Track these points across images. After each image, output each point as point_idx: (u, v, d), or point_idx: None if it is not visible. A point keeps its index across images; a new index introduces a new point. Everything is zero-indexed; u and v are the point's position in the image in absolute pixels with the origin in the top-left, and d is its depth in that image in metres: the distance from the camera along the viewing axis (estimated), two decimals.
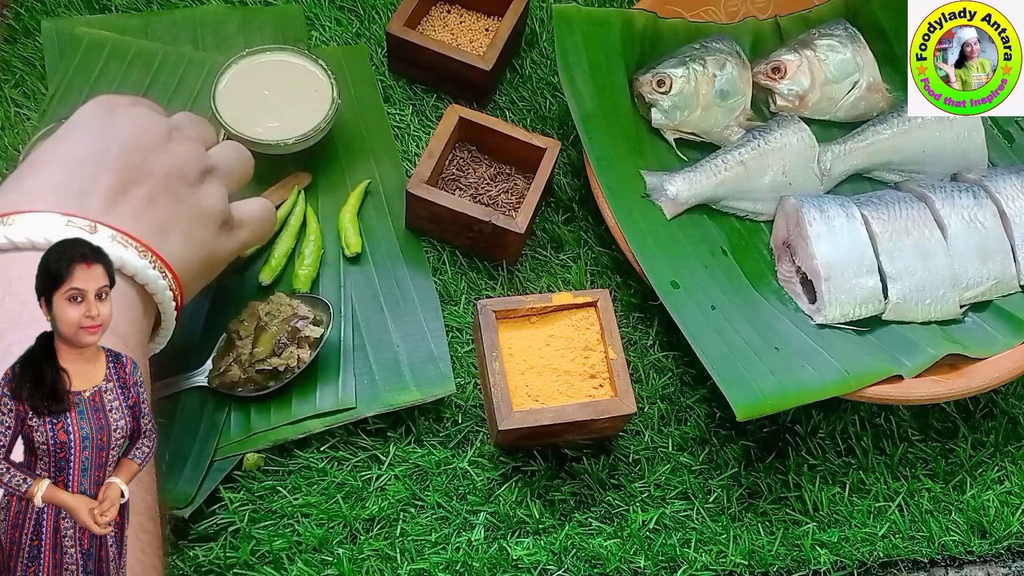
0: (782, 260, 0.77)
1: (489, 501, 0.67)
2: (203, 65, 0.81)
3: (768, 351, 0.69)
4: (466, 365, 0.72)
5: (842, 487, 0.70)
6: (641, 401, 0.72)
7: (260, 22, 0.85)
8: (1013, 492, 0.72)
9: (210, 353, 0.68)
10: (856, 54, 0.82)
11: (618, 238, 0.73)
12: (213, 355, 0.67)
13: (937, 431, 0.74)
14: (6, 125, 0.78)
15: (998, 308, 0.75)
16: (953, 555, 0.69)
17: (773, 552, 0.67)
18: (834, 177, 0.80)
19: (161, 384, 0.65)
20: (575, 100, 0.77)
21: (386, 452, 0.68)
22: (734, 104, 0.80)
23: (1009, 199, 0.76)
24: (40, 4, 0.83)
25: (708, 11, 0.85)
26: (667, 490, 0.69)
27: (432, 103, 0.82)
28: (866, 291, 0.72)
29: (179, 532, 0.64)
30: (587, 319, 0.68)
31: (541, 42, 0.88)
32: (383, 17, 0.86)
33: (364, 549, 0.64)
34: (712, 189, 0.77)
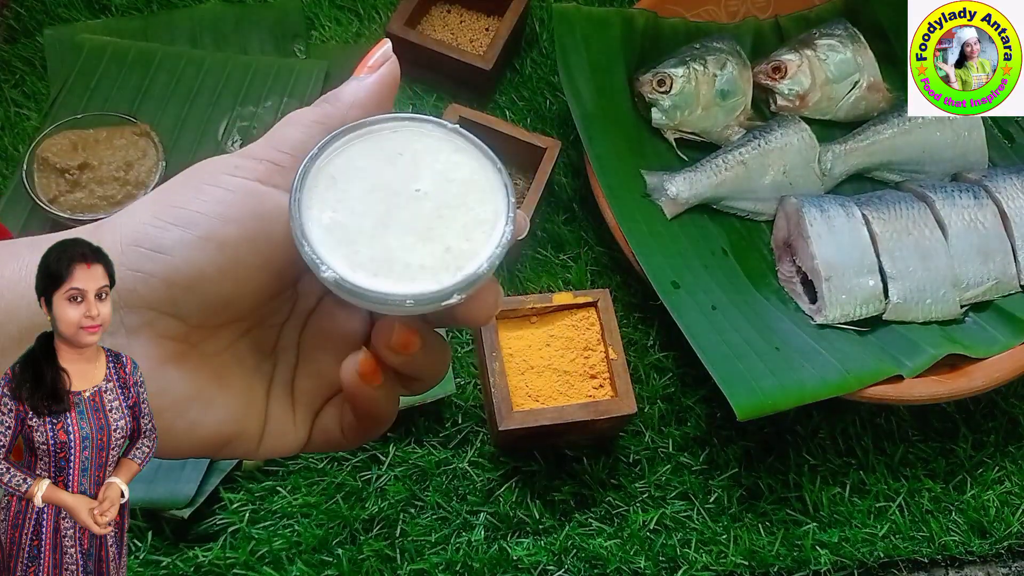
0: (783, 260, 0.77)
1: (489, 501, 0.67)
2: (201, 64, 0.81)
3: (768, 351, 0.69)
4: (466, 365, 0.72)
5: (842, 487, 0.70)
6: (641, 401, 0.71)
7: (258, 21, 0.85)
8: (1013, 492, 0.72)
9: None
10: (856, 54, 0.82)
11: (618, 238, 0.73)
12: None
13: (937, 431, 0.74)
14: (6, 125, 0.78)
15: (998, 308, 0.75)
16: (953, 555, 0.69)
17: (773, 552, 0.67)
18: (835, 177, 0.80)
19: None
20: (575, 100, 0.77)
21: (386, 452, 0.68)
22: (734, 104, 0.80)
23: (1009, 199, 0.76)
24: (40, 4, 0.83)
25: (708, 11, 0.85)
26: (667, 490, 0.69)
27: (432, 102, 0.82)
28: (866, 291, 0.72)
29: (179, 532, 0.64)
30: (587, 319, 0.68)
31: (541, 42, 0.87)
32: (383, 17, 0.86)
33: (364, 549, 0.64)
34: (712, 189, 0.77)
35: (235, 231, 0.31)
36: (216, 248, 0.30)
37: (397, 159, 0.32)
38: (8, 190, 0.74)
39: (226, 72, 0.81)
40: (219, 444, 0.33)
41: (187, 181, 0.32)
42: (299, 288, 0.36)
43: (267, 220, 0.31)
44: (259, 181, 0.31)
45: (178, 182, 0.32)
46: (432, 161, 0.33)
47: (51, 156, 0.72)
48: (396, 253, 0.30)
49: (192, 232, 0.30)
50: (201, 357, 0.33)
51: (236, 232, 0.31)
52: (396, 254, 0.30)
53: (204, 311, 0.32)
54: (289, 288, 0.35)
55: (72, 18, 0.83)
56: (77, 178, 0.72)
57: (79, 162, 0.72)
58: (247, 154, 0.32)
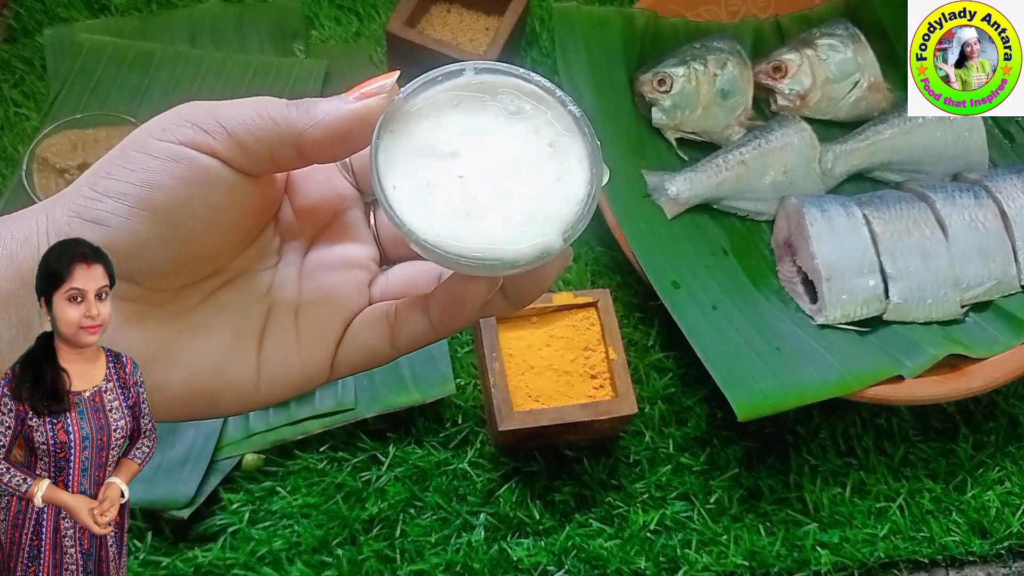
0: (783, 260, 0.77)
1: (489, 502, 0.67)
2: (200, 64, 0.81)
3: (769, 351, 0.69)
4: (466, 365, 0.72)
5: (843, 488, 0.70)
6: (642, 401, 0.71)
7: (258, 20, 0.85)
8: (1013, 492, 0.71)
9: None
10: (857, 53, 0.82)
11: (619, 238, 0.73)
12: None
13: (938, 431, 0.74)
14: (6, 125, 0.78)
15: (999, 308, 0.75)
16: (953, 555, 0.69)
17: (774, 553, 0.67)
18: (835, 177, 0.80)
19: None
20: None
21: (386, 453, 0.68)
22: (735, 103, 0.80)
23: (1010, 199, 0.76)
24: (40, 4, 0.83)
25: (709, 10, 0.85)
26: (668, 491, 0.69)
27: None
28: (867, 291, 0.72)
29: (179, 532, 0.64)
30: (587, 319, 0.68)
31: (541, 41, 0.87)
32: (383, 16, 0.86)
33: (364, 550, 0.64)
34: (713, 189, 0.77)
35: (164, 197, 0.30)
36: (150, 216, 0.30)
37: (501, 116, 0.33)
38: (8, 190, 0.74)
39: (226, 72, 0.81)
40: (201, 400, 0.33)
41: (121, 149, 0.31)
42: (283, 230, 0.36)
43: (199, 184, 0.31)
44: (184, 144, 0.31)
45: (115, 151, 0.32)
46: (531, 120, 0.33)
47: (51, 156, 0.72)
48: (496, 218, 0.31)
49: (123, 202, 0.30)
50: (167, 316, 0.32)
51: (166, 198, 0.30)
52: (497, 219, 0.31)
53: (155, 276, 0.31)
54: (257, 239, 0.35)
55: (72, 18, 0.83)
56: (77, 178, 0.72)
57: (79, 162, 0.72)
58: (181, 113, 0.31)
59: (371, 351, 0.35)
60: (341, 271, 0.36)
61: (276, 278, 0.35)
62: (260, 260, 0.35)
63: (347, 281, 0.36)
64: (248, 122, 0.31)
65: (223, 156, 0.31)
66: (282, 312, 0.35)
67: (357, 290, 0.36)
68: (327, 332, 0.35)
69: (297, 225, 0.36)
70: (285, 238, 0.36)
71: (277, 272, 0.36)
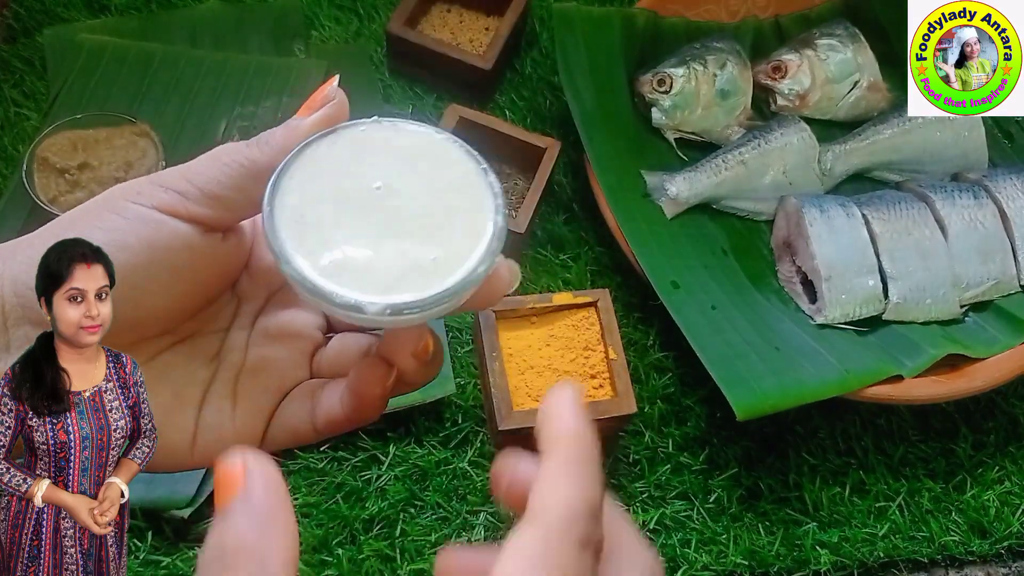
0: (782, 260, 0.77)
1: (489, 501, 0.67)
2: (201, 64, 0.81)
3: (768, 351, 0.69)
4: (466, 365, 0.72)
5: (842, 487, 0.70)
6: (641, 401, 0.71)
7: (258, 20, 0.85)
8: (1013, 492, 0.72)
9: None
10: (857, 53, 0.82)
11: (618, 238, 0.73)
12: None
13: (937, 431, 0.74)
14: (6, 125, 0.78)
15: (998, 308, 0.75)
16: (953, 555, 0.69)
17: (773, 552, 0.67)
18: (835, 177, 0.80)
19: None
20: (575, 100, 0.77)
21: (386, 452, 0.68)
22: (734, 103, 0.80)
23: (1009, 199, 0.76)
24: (40, 4, 0.83)
25: (709, 10, 0.85)
26: (667, 490, 0.69)
27: (432, 102, 0.82)
28: (866, 291, 0.72)
29: (179, 532, 0.64)
30: (587, 319, 0.68)
31: (541, 42, 0.87)
32: (382, 16, 0.86)
33: (364, 549, 0.64)
34: (712, 189, 0.77)
35: (127, 259, 0.31)
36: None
37: (373, 164, 0.31)
38: (8, 190, 0.74)
39: (226, 72, 0.81)
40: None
41: (94, 204, 0.32)
42: (240, 292, 0.36)
43: (163, 249, 0.31)
44: (157, 209, 0.31)
45: (88, 205, 0.32)
46: (414, 160, 0.31)
47: (51, 156, 0.72)
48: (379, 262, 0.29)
49: None
50: None
51: (129, 260, 0.31)
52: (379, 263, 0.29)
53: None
54: (213, 303, 0.35)
55: (72, 18, 0.83)
56: (77, 178, 0.72)
57: (79, 162, 0.72)
58: (155, 180, 0.32)
59: (294, 431, 0.35)
60: (284, 340, 0.36)
61: (227, 341, 0.35)
62: (214, 321, 0.35)
63: (287, 352, 0.35)
64: (219, 175, 0.32)
65: (198, 216, 0.32)
66: (225, 378, 0.35)
67: (296, 362, 0.36)
68: (260, 403, 0.35)
69: (251, 288, 0.36)
70: (242, 300, 0.36)
71: (228, 335, 0.36)
